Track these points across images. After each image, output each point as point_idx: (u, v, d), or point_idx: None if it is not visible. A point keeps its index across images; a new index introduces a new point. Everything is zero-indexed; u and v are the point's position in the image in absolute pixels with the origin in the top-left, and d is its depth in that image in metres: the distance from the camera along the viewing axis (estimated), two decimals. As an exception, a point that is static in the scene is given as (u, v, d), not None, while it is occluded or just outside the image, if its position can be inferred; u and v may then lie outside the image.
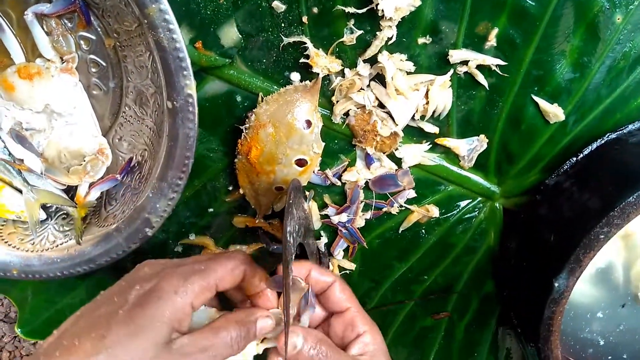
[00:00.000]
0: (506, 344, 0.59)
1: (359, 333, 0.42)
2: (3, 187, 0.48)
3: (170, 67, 0.41)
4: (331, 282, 0.44)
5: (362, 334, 0.42)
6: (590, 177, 0.47)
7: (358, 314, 0.43)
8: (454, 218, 0.55)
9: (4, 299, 0.81)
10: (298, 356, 0.40)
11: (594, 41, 0.46)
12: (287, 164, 0.49)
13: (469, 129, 0.51)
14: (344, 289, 0.44)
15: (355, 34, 0.46)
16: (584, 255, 0.41)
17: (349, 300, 0.44)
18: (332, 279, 0.44)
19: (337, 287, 0.44)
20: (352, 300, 0.44)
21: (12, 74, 0.46)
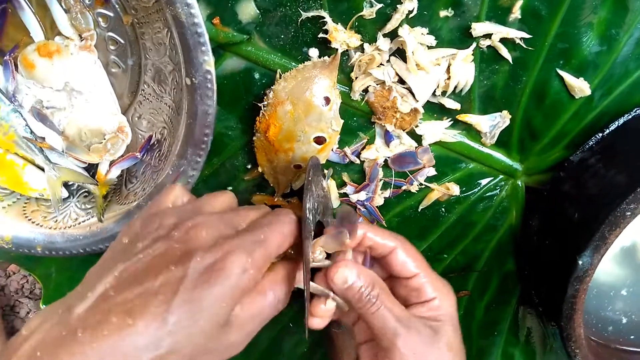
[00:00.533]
0: (527, 323, 0.59)
1: (426, 299, 0.39)
2: (26, 164, 0.49)
3: (189, 43, 0.41)
4: (392, 248, 0.40)
5: (430, 300, 0.39)
6: (616, 153, 0.46)
7: (427, 279, 0.39)
8: (475, 196, 0.54)
9: (29, 276, 0.83)
10: (347, 292, 0.37)
11: (622, 12, 0.45)
12: (306, 141, 0.49)
13: (492, 105, 0.50)
14: (409, 254, 0.40)
15: (375, 7, 0.45)
16: (610, 232, 0.40)
17: (417, 265, 0.40)
18: (393, 244, 0.40)
19: (398, 253, 0.40)
20: (421, 265, 0.40)
21: (32, 52, 0.46)
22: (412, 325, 0.37)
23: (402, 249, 0.40)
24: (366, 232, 0.40)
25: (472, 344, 0.59)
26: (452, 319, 0.39)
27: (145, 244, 0.32)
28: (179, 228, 0.32)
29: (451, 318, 0.39)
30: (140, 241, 0.32)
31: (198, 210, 0.35)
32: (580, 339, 0.45)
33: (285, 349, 0.60)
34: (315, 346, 0.61)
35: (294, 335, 0.60)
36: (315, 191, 0.42)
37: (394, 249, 0.40)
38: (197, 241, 0.31)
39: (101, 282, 0.30)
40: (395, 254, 0.40)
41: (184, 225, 0.32)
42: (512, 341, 0.59)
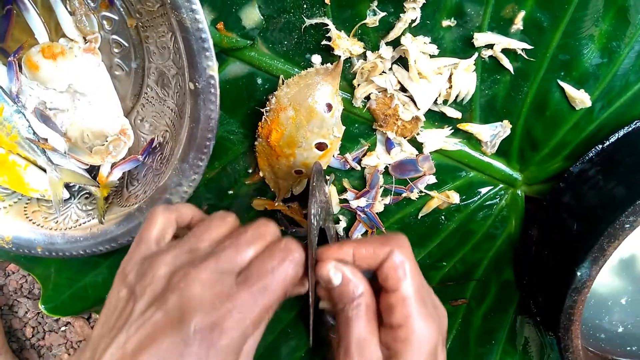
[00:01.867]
0: (524, 332, 0.59)
1: (393, 324, 0.34)
2: (28, 165, 0.49)
3: (193, 48, 0.41)
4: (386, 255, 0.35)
5: (397, 327, 0.34)
6: (616, 165, 0.46)
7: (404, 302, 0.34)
8: (475, 205, 0.54)
9: (28, 276, 0.83)
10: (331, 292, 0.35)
11: (623, 25, 0.45)
12: (307, 147, 0.49)
13: (492, 115, 0.50)
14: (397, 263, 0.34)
15: (378, 15, 0.46)
16: (608, 244, 0.40)
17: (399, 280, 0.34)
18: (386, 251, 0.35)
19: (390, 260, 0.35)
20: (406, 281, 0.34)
21: (36, 53, 0.46)
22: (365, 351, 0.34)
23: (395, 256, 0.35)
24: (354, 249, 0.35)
25: (469, 352, 0.59)
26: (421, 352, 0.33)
27: (141, 307, 0.32)
28: (171, 288, 0.32)
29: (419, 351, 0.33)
30: (137, 302, 0.32)
31: (193, 251, 0.34)
32: (578, 350, 0.45)
33: (283, 354, 0.60)
34: (313, 351, 0.61)
35: (292, 341, 0.60)
36: (318, 197, 0.43)
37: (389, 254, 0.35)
38: (191, 305, 0.31)
39: (108, 352, 0.31)
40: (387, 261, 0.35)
41: (177, 284, 0.31)
42: (509, 350, 0.59)
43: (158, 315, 0.31)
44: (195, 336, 0.30)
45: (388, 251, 0.35)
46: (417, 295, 0.34)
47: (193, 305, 0.30)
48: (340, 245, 0.36)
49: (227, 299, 0.31)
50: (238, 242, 0.34)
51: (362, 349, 0.33)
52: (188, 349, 0.30)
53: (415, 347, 0.33)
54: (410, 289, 0.34)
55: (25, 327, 0.84)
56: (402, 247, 0.35)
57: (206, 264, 0.32)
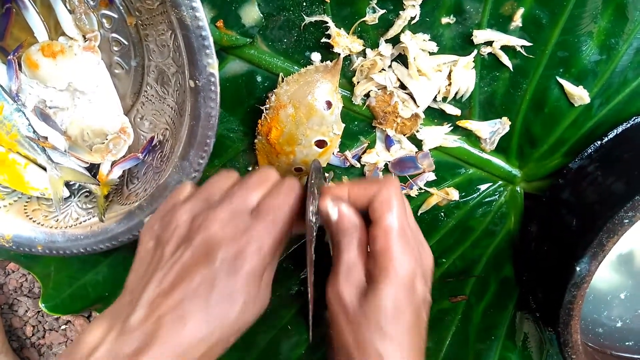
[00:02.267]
0: (524, 328, 0.59)
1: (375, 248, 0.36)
2: (28, 164, 0.49)
3: (193, 46, 0.41)
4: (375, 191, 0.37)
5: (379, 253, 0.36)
6: (615, 161, 0.46)
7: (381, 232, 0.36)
8: (474, 201, 0.54)
9: (28, 275, 0.83)
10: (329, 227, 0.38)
11: (622, 22, 0.45)
12: (307, 144, 0.49)
13: (492, 112, 0.50)
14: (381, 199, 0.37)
15: (378, 13, 0.46)
16: (607, 239, 0.41)
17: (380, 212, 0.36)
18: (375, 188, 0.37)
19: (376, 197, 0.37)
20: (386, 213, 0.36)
21: (36, 52, 0.46)
22: (350, 273, 0.36)
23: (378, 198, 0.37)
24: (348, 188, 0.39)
25: (469, 347, 0.59)
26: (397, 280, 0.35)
27: (171, 250, 0.35)
28: (195, 229, 0.35)
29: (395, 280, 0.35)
30: (165, 246, 0.36)
31: (208, 199, 0.38)
32: (577, 345, 0.46)
33: (283, 351, 0.60)
34: (313, 348, 0.61)
35: (292, 337, 0.60)
36: (317, 194, 0.43)
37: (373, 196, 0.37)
38: (215, 240, 0.35)
39: (146, 293, 0.34)
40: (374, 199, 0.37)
41: (200, 225, 0.35)
42: (509, 346, 0.59)
43: (187, 254, 0.34)
44: (222, 266, 0.34)
45: (377, 189, 0.37)
46: (399, 229, 0.36)
47: (216, 240, 0.34)
48: (338, 185, 0.40)
49: (245, 231, 0.35)
50: (247, 186, 0.38)
51: (349, 272, 0.37)
52: (218, 278, 0.33)
53: (391, 273, 0.35)
54: (394, 222, 0.36)
55: (25, 325, 0.84)
56: (390, 186, 0.38)
57: (222, 206, 0.36)
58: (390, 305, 0.35)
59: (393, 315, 0.35)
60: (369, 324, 0.35)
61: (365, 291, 0.36)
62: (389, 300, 0.35)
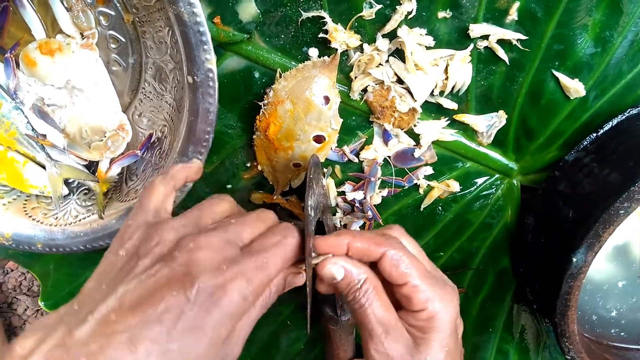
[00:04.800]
0: (521, 320, 0.59)
1: (414, 309, 0.36)
2: (27, 162, 0.49)
3: (191, 42, 0.41)
4: (381, 254, 0.36)
5: (418, 311, 0.36)
6: (610, 153, 0.47)
7: (417, 288, 0.36)
8: (471, 195, 0.55)
9: (27, 273, 0.83)
10: (337, 286, 0.36)
11: (616, 14, 0.46)
12: (305, 140, 0.50)
13: (488, 105, 0.51)
14: (398, 259, 0.36)
15: (375, 8, 0.46)
16: (603, 230, 0.41)
17: (406, 273, 0.36)
18: (380, 251, 0.36)
19: (386, 260, 0.36)
20: (413, 272, 0.36)
21: (34, 49, 0.46)
22: (391, 331, 0.35)
23: (390, 256, 0.36)
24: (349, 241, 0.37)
25: (467, 340, 0.60)
26: (445, 329, 0.36)
27: (146, 264, 0.31)
28: (180, 248, 0.32)
29: (443, 328, 0.36)
30: (141, 259, 0.32)
31: (198, 223, 0.35)
32: (574, 335, 0.46)
33: (282, 346, 0.61)
34: (312, 343, 0.61)
35: (292, 332, 0.60)
36: (315, 189, 0.43)
37: (383, 255, 0.36)
38: (199, 265, 0.31)
39: (102, 304, 0.29)
40: (384, 260, 0.36)
41: (186, 246, 0.32)
42: (506, 338, 0.60)
43: (163, 272, 0.30)
44: (197, 296, 0.30)
45: (382, 252, 0.36)
46: (427, 281, 0.36)
47: (201, 265, 0.31)
48: (337, 238, 0.37)
49: (233, 264, 0.32)
50: (243, 220, 0.36)
51: (388, 329, 0.35)
52: (188, 306, 0.29)
53: (439, 324, 0.35)
54: (417, 279, 0.36)
55: (24, 324, 0.84)
56: (395, 243, 0.37)
57: (215, 232, 0.33)
58: (444, 354, 0.35)
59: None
60: None
61: (412, 346, 0.36)
62: (441, 348, 0.35)
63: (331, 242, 0.37)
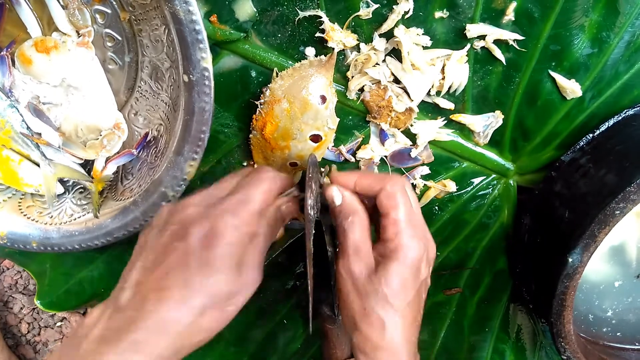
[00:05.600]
0: (517, 319, 0.59)
1: (384, 238, 0.39)
2: (21, 160, 0.49)
3: (187, 40, 0.41)
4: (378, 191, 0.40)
5: (387, 241, 0.39)
6: (606, 154, 0.47)
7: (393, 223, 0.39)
8: (468, 195, 0.55)
9: (23, 272, 0.83)
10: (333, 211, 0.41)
11: (613, 15, 0.46)
12: (302, 139, 0.49)
13: (485, 105, 0.51)
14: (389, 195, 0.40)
15: (372, 7, 0.46)
16: (599, 230, 0.41)
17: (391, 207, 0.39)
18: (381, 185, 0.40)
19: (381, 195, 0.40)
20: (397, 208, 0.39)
21: (30, 47, 0.46)
22: (359, 252, 0.39)
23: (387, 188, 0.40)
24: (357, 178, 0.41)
25: (464, 339, 0.60)
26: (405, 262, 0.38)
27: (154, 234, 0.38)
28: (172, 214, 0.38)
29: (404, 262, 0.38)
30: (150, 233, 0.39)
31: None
32: (570, 335, 0.46)
33: (279, 345, 0.61)
34: (309, 342, 0.61)
35: (289, 331, 0.60)
36: (314, 189, 0.43)
37: (382, 188, 0.40)
38: (188, 218, 0.37)
39: (132, 274, 0.36)
40: (381, 191, 0.40)
41: (176, 212, 0.38)
42: (502, 338, 0.60)
43: (165, 234, 0.37)
44: (195, 242, 0.35)
45: (385, 182, 0.40)
46: (407, 219, 0.39)
47: (189, 219, 0.37)
48: (346, 173, 0.42)
49: (216, 205, 0.37)
50: (222, 180, 0.41)
51: (357, 250, 0.39)
52: (192, 252, 0.35)
53: (400, 255, 0.38)
54: (401, 213, 0.39)
55: (20, 323, 0.83)
56: (398, 179, 0.41)
57: (197, 193, 0.39)
58: (397, 281, 0.38)
59: (399, 290, 0.38)
60: (376, 295, 0.38)
61: (373, 268, 0.39)
62: (397, 276, 0.38)
63: (344, 176, 0.42)
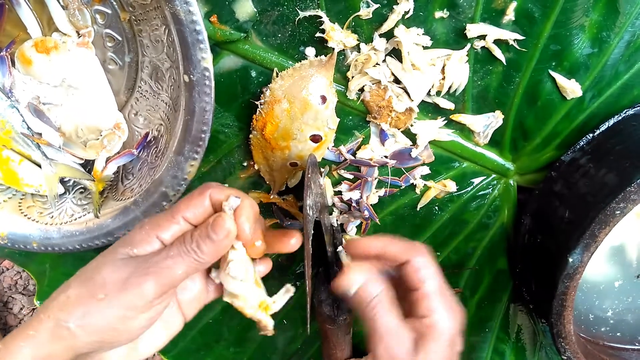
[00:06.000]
0: (517, 320, 0.59)
1: (420, 314, 0.39)
2: (22, 160, 0.49)
3: (187, 41, 0.41)
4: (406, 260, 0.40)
5: (423, 317, 0.39)
6: (607, 154, 0.47)
7: (428, 296, 0.39)
8: (468, 195, 0.55)
9: (23, 272, 0.83)
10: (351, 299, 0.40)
11: (613, 15, 0.46)
12: (302, 139, 0.49)
13: (485, 105, 0.51)
14: (417, 267, 0.40)
15: (372, 7, 0.46)
16: (600, 230, 0.41)
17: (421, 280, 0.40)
18: (405, 258, 0.40)
19: (409, 266, 0.40)
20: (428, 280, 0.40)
21: (30, 48, 0.46)
22: (396, 336, 0.39)
23: (415, 261, 0.40)
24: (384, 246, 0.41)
25: (463, 339, 0.59)
26: (442, 339, 0.39)
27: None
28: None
29: (439, 338, 0.39)
30: None
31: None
32: (570, 336, 0.46)
33: (279, 345, 0.61)
34: (308, 343, 0.61)
35: (288, 332, 0.60)
36: (313, 189, 0.43)
37: (409, 260, 0.40)
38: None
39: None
40: (409, 264, 0.40)
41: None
42: (503, 338, 0.60)
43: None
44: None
45: (409, 256, 0.40)
46: (437, 292, 0.40)
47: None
48: (362, 242, 0.41)
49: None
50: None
51: (394, 334, 0.38)
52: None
53: (439, 333, 0.38)
54: (433, 287, 0.40)
55: (20, 323, 0.83)
56: (423, 254, 0.41)
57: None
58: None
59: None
60: None
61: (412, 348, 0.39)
62: (437, 355, 0.38)
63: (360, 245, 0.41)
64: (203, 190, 0.39)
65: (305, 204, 0.40)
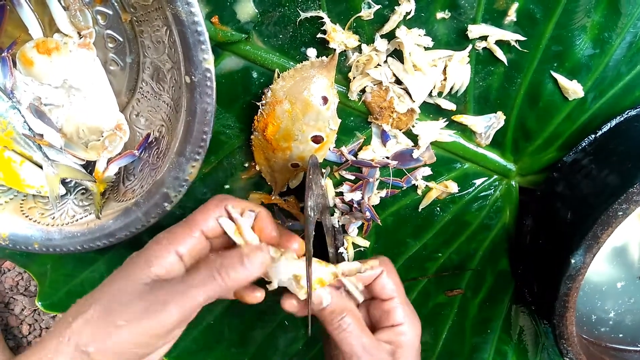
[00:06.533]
0: (520, 321, 0.59)
1: (394, 323, 0.43)
2: (23, 161, 0.49)
3: (189, 42, 0.41)
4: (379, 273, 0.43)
5: (397, 325, 0.43)
6: (609, 154, 0.47)
7: (399, 305, 0.43)
8: (470, 196, 0.55)
9: (24, 273, 0.83)
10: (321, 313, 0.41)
11: (615, 16, 0.46)
12: (303, 140, 0.49)
13: (487, 106, 0.51)
14: (390, 278, 0.44)
15: (373, 8, 0.46)
16: (602, 231, 0.41)
17: (394, 290, 0.44)
18: (379, 270, 0.43)
19: (382, 277, 0.43)
20: (398, 290, 0.44)
21: (31, 49, 0.46)
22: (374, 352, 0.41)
23: (386, 273, 0.43)
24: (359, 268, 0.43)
25: (465, 341, 0.59)
26: (414, 346, 0.43)
27: None
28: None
29: (412, 345, 0.43)
30: None
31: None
32: (572, 337, 0.46)
33: (280, 346, 0.61)
34: (310, 343, 0.61)
35: (290, 333, 0.60)
36: (315, 190, 0.43)
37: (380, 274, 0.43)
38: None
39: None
40: (379, 277, 0.43)
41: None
42: (505, 339, 0.60)
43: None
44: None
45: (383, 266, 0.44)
46: (406, 302, 0.44)
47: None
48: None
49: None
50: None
51: (370, 350, 0.40)
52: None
53: (410, 339, 0.43)
54: (402, 297, 0.44)
55: (22, 324, 0.83)
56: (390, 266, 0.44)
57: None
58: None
59: None
60: None
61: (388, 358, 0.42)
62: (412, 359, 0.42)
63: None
64: (219, 203, 0.40)
65: (307, 205, 0.40)
